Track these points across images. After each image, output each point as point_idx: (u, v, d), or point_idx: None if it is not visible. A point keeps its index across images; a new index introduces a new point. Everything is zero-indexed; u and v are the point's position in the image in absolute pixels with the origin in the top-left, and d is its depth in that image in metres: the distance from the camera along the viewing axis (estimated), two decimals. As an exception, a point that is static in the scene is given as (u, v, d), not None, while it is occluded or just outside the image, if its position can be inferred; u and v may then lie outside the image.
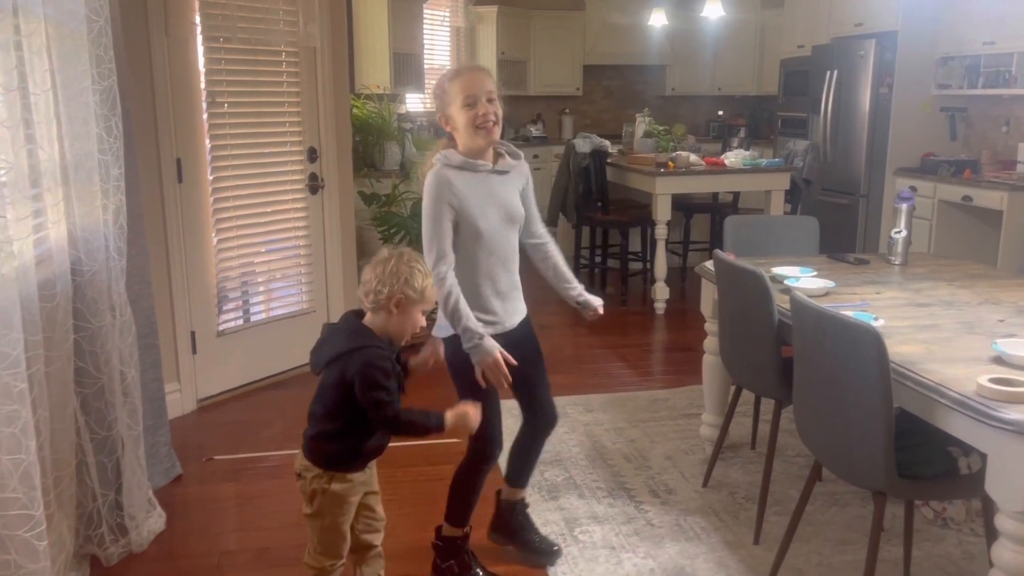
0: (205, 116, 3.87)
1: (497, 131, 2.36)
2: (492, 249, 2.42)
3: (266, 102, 4.16)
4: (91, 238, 2.61)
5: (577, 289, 2.70)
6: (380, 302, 2.07)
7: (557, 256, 2.70)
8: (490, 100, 2.32)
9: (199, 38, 3.79)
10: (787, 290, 2.70)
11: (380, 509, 2.32)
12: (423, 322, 2.16)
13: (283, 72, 4.21)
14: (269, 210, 4.23)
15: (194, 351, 3.95)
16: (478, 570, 2.62)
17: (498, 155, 2.46)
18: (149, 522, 2.86)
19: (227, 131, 3.97)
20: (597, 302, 2.68)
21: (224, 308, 4.11)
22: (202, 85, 3.84)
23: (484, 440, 2.47)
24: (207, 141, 3.89)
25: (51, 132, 2.43)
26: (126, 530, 2.78)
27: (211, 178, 3.93)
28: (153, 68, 3.59)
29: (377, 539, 2.32)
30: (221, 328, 4.09)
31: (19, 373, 1.89)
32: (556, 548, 2.77)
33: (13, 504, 1.89)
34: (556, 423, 2.75)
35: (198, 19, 3.76)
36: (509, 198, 2.47)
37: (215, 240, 3.99)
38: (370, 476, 2.24)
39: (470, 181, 2.37)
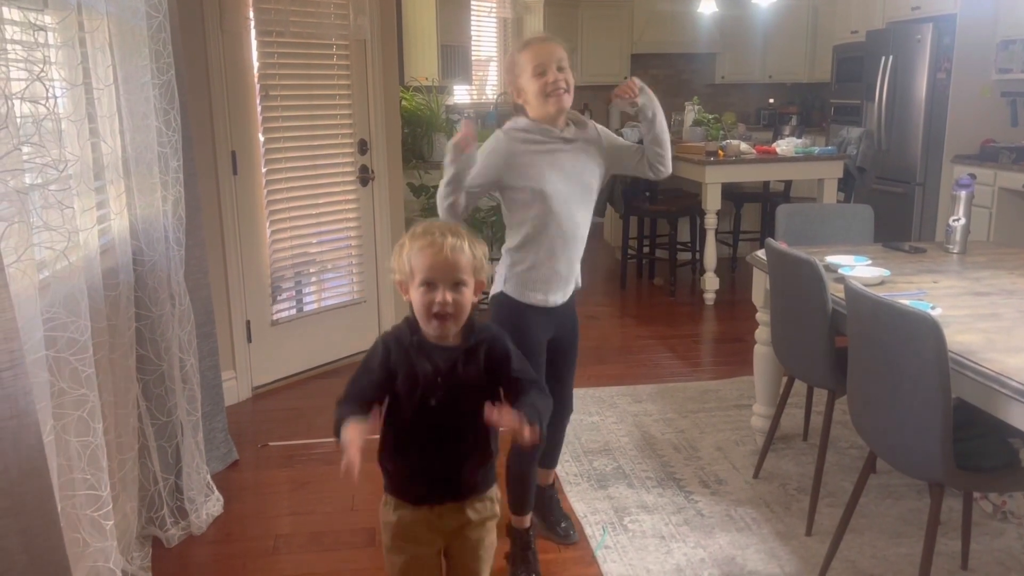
0: (259, 109, 3.94)
1: (568, 98, 2.34)
2: (559, 221, 2.38)
3: (318, 95, 4.22)
4: (151, 229, 2.68)
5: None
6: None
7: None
8: (560, 68, 2.31)
9: (253, 33, 3.86)
10: (841, 279, 2.66)
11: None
12: (440, 297, 1.69)
13: (334, 65, 4.26)
14: (321, 202, 4.29)
15: (249, 340, 4.04)
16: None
17: (568, 124, 2.44)
18: (207, 505, 2.94)
19: (280, 124, 4.04)
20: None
21: (278, 298, 4.19)
22: (256, 79, 3.91)
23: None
24: (261, 134, 3.96)
25: (113, 126, 2.50)
26: (186, 513, 2.86)
27: (265, 170, 4.00)
28: (209, 63, 3.66)
29: None
30: (275, 317, 4.17)
31: (87, 358, 1.96)
32: (572, 538, 2.79)
33: (82, 484, 1.96)
34: (571, 413, 2.78)
35: (252, 14, 3.83)
36: (580, 168, 2.43)
37: (269, 231, 4.06)
38: (455, 528, 1.83)
39: (536, 149, 2.37)
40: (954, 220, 3.31)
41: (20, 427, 1.55)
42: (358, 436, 1.58)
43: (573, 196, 2.41)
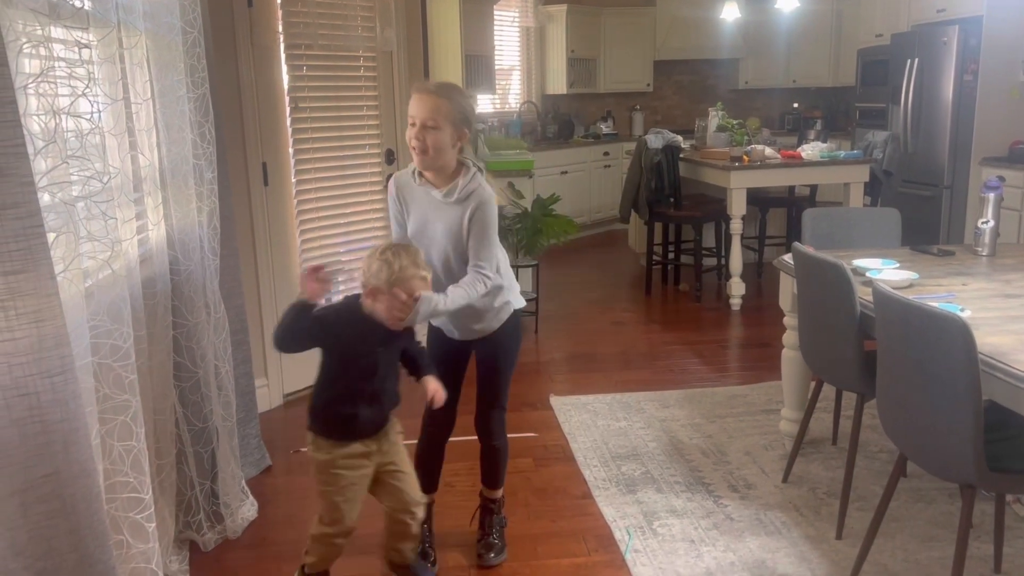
0: (288, 121, 4.01)
1: (425, 160, 2.38)
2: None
3: (345, 106, 4.28)
4: (187, 239, 2.75)
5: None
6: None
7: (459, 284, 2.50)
8: (431, 127, 2.33)
9: (282, 47, 3.94)
10: (869, 282, 2.67)
11: (410, 487, 2.47)
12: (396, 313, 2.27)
13: (361, 77, 4.33)
14: (349, 211, 4.35)
15: (280, 348, 4.10)
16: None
17: (453, 181, 2.45)
18: (242, 510, 3.00)
19: (309, 135, 4.11)
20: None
21: (308, 306, 4.25)
22: (285, 92, 3.98)
23: None
24: (290, 145, 4.04)
25: (151, 139, 2.57)
26: (222, 517, 2.92)
27: (295, 181, 4.07)
28: (240, 76, 3.74)
29: (412, 515, 2.48)
30: (305, 325, 4.22)
31: (129, 365, 2.02)
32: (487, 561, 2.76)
33: (125, 487, 2.02)
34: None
35: (281, 29, 3.90)
36: (448, 224, 2.47)
37: (299, 240, 4.13)
38: (376, 450, 2.37)
39: (416, 196, 2.52)
40: (983, 222, 3.30)
41: (70, 431, 1.60)
42: None
43: (432, 242, 2.50)
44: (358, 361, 2.32)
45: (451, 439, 2.78)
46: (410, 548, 2.57)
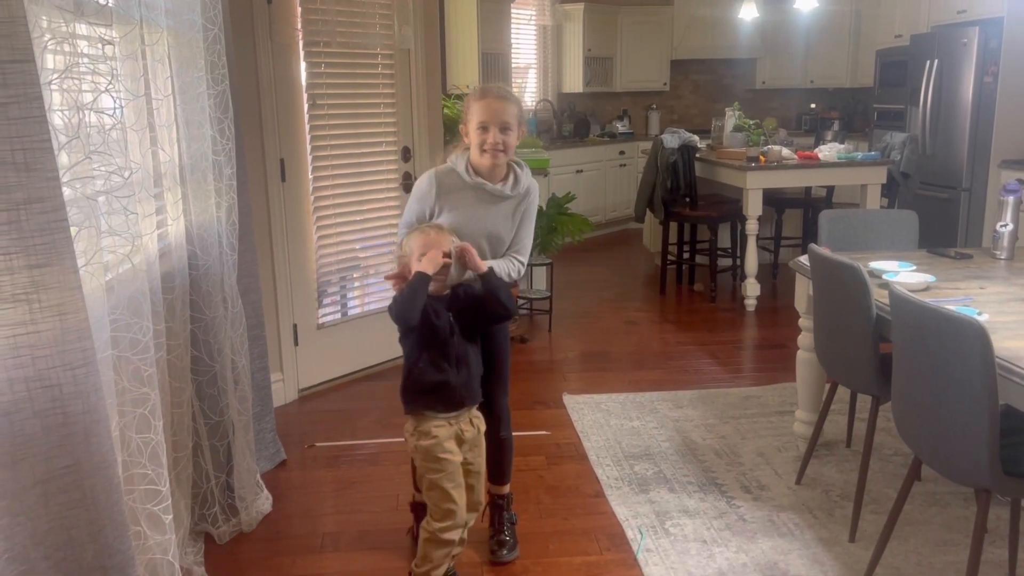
0: (306, 118, 4.04)
1: (502, 158, 2.53)
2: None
3: (363, 104, 4.30)
4: (206, 234, 2.77)
5: None
6: None
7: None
8: (505, 130, 2.50)
9: (301, 44, 3.96)
10: (885, 285, 2.66)
11: (479, 493, 2.55)
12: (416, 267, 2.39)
13: (379, 74, 4.35)
14: (365, 208, 4.37)
15: (296, 343, 4.13)
16: None
17: (507, 177, 2.61)
18: (257, 503, 3.02)
19: (326, 132, 4.13)
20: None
21: (323, 302, 4.28)
22: (303, 88, 4.01)
23: None
24: (308, 142, 4.06)
25: (171, 135, 2.59)
26: (236, 510, 2.94)
27: (312, 177, 4.09)
28: (259, 73, 3.77)
29: (471, 519, 2.53)
30: (321, 321, 4.26)
31: (148, 358, 2.04)
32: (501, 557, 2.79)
33: (143, 480, 2.04)
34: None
35: (300, 26, 3.93)
36: (494, 221, 2.61)
37: (315, 237, 4.15)
38: (467, 440, 2.47)
39: (460, 194, 2.58)
40: (1001, 226, 3.28)
41: (91, 422, 1.62)
42: None
43: (482, 243, 2.59)
44: (436, 325, 2.40)
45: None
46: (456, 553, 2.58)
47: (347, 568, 2.73)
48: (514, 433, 2.82)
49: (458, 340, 2.45)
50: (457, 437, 2.46)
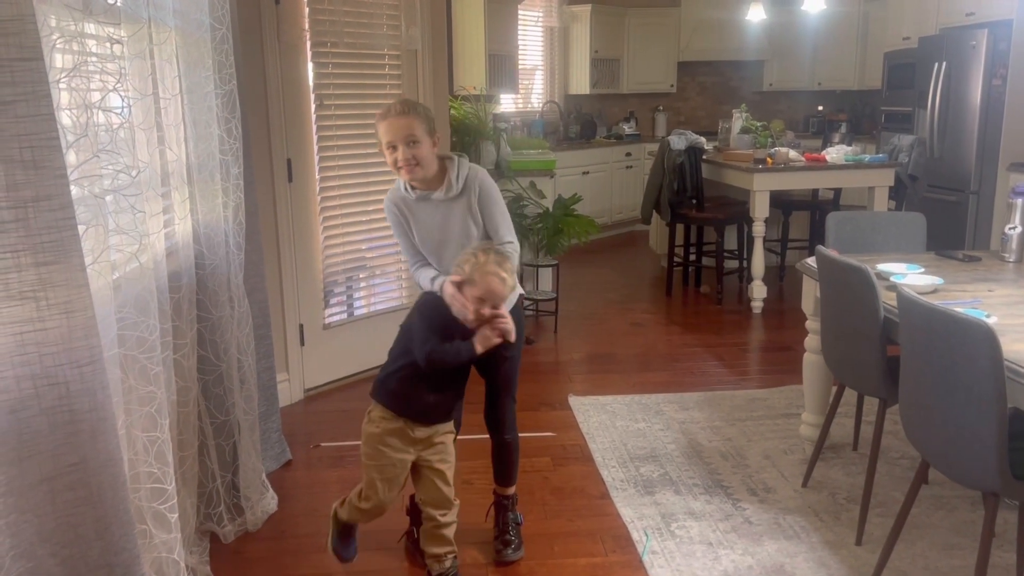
0: (313, 118, 4.04)
1: (418, 171, 2.55)
2: (436, 264, 2.71)
3: (370, 104, 4.29)
4: (212, 234, 2.78)
5: None
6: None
7: None
8: (412, 143, 2.52)
9: (308, 44, 3.96)
10: (893, 287, 2.65)
11: (444, 487, 2.53)
12: (471, 310, 2.42)
13: (386, 75, 4.35)
14: (371, 208, 4.37)
15: (302, 343, 4.13)
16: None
17: (444, 179, 2.63)
18: (263, 503, 3.02)
19: (333, 132, 4.14)
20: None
21: (330, 302, 4.28)
22: (311, 89, 4.01)
23: None
24: (315, 142, 4.06)
25: (179, 134, 2.60)
26: (242, 510, 2.94)
27: (318, 177, 4.10)
28: (266, 73, 3.77)
29: (439, 515, 2.53)
30: (327, 321, 4.26)
31: (155, 357, 2.04)
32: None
33: (148, 478, 2.04)
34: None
35: (307, 26, 3.93)
36: (457, 223, 2.64)
37: (322, 237, 4.16)
38: (423, 441, 2.48)
39: (418, 211, 2.66)
40: (1010, 228, 3.27)
41: (98, 420, 1.63)
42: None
43: (446, 243, 2.66)
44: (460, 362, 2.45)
45: (468, 436, 2.79)
46: (444, 553, 2.57)
47: (351, 568, 2.72)
48: (520, 435, 2.82)
49: (460, 372, 2.51)
50: (403, 435, 2.47)
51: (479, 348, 2.40)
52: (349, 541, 2.67)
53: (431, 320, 2.45)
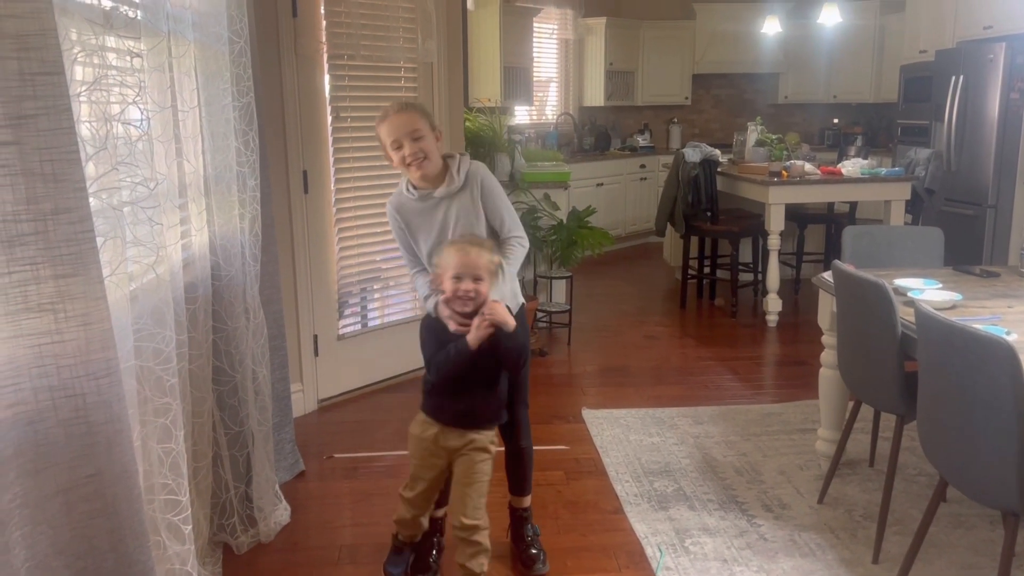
0: (329, 131, 4.06)
1: (427, 165, 2.54)
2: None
3: (385, 116, 4.32)
4: (229, 245, 2.79)
5: None
6: None
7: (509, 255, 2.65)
8: (417, 138, 2.51)
9: (325, 57, 3.99)
10: (911, 302, 2.63)
11: (458, 506, 2.53)
12: (448, 288, 2.44)
13: (402, 88, 4.37)
14: (385, 220, 4.33)
15: (316, 353, 4.14)
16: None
17: (447, 175, 2.61)
18: (276, 514, 3.02)
19: (349, 144, 4.15)
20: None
21: (344, 313, 4.29)
22: (327, 101, 4.03)
23: None
24: (331, 154, 4.08)
25: (196, 146, 2.61)
26: (255, 521, 2.94)
27: (334, 189, 4.12)
28: (283, 85, 3.80)
29: (458, 523, 2.53)
30: (341, 332, 4.27)
31: (170, 368, 2.05)
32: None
33: (162, 490, 2.04)
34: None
35: (324, 39, 3.96)
36: (462, 217, 2.61)
37: (337, 248, 4.17)
38: (454, 450, 2.53)
39: (420, 213, 2.63)
40: (1029, 244, 3.23)
41: (114, 432, 1.63)
42: None
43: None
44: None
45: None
46: (476, 562, 2.54)
47: (364, 581, 2.72)
48: (533, 448, 2.81)
49: (468, 378, 2.50)
50: (436, 441, 2.54)
51: (472, 342, 2.39)
52: (400, 560, 2.71)
53: (430, 343, 2.51)
